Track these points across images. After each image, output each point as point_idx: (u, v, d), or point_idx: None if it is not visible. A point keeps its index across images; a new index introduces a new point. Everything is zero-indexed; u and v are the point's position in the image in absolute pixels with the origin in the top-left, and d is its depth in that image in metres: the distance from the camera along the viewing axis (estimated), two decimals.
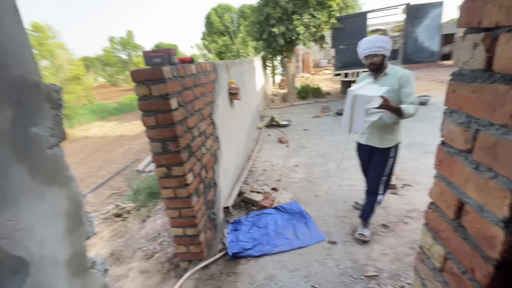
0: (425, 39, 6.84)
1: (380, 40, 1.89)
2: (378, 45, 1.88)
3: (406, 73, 1.93)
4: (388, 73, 1.97)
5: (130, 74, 1.58)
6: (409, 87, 1.90)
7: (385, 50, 1.90)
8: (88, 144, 8.13)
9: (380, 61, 1.95)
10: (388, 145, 2.08)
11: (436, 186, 0.69)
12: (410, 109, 1.83)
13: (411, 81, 1.90)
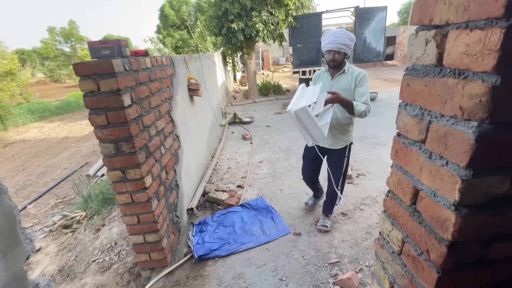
0: (372, 40, 7.43)
1: (346, 37, 1.81)
2: (343, 43, 1.80)
3: (363, 72, 1.92)
4: (346, 71, 1.95)
5: (73, 68, 1.40)
6: (364, 86, 1.90)
7: (349, 49, 1.85)
8: (26, 148, 7.12)
9: (341, 59, 1.89)
10: (342, 146, 2.08)
11: (393, 175, 0.74)
12: (361, 106, 1.82)
13: (366, 81, 1.91)
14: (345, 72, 1.95)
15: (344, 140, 2.08)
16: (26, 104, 11.81)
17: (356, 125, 2.29)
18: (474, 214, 0.52)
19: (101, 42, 1.53)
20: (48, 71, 26.15)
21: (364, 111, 1.83)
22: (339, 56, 1.87)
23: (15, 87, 11.50)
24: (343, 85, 1.95)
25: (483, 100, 0.44)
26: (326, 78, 2.05)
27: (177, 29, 16.19)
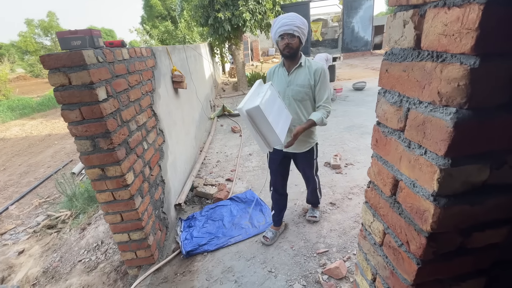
0: (360, 29, 7.39)
1: (298, 19, 1.59)
2: (296, 24, 1.56)
3: (322, 67, 1.70)
4: (303, 64, 1.71)
5: (40, 60, 1.31)
6: (325, 84, 1.72)
7: (302, 34, 1.62)
8: (7, 147, 6.84)
9: (296, 45, 1.63)
10: (307, 148, 1.92)
11: (374, 165, 0.71)
12: (319, 116, 1.68)
13: (326, 77, 1.72)
14: (302, 65, 1.71)
15: (308, 142, 1.90)
16: (5, 101, 11.31)
17: (345, 114, 2.27)
18: (452, 204, 0.50)
19: (70, 32, 1.43)
20: (28, 66, 25.01)
21: (321, 119, 1.69)
22: (293, 40, 1.61)
23: None
24: (302, 81, 1.72)
25: (461, 84, 0.42)
26: (282, 74, 1.79)
27: (162, 19, 15.69)
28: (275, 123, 1.44)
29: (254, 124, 1.41)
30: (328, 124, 5.26)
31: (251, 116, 1.38)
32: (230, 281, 1.84)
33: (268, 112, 1.40)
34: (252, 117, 1.38)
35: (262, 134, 1.44)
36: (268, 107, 1.42)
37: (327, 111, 1.74)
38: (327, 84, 1.73)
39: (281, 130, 1.50)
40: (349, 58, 16.47)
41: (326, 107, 1.75)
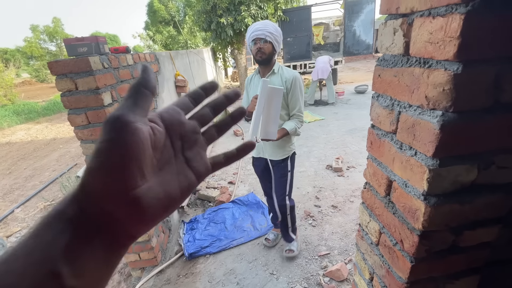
0: (362, 33, 7.43)
1: (272, 26, 1.58)
2: (268, 30, 1.55)
3: (294, 76, 1.64)
4: (276, 71, 1.67)
5: (48, 66, 1.35)
6: (297, 93, 1.65)
7: (275, 41, 1.58)
8: (12, 151, 6.95)
9: (269, 51, 1.59)
10: (282, 156, 1.78)
11: (369, 167, 0.74)
12: (291, 125, 1.64)
13: (298, 86, 1.64)
14: (275, 72, 1.67)
15: (284, 149, 1.78)
16: (11, 106, 11.49)
17: (347, 117, 2.28)
18: (443, 203, 0.52)
19: (77, 39, 1.48)
20: (33, 71, 25.43)
21: (294, 129, 1.66)
22: (265, 45, 1.57)
23: None
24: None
25: (446, 88, 0.44)
26: (256, 81, 1.75)
27: (166, 25, 15.90)
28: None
29: (266, 105, 1.40)
30: (330, 127, 5.26)
31: (272, 94, 1.38)
32: (232, 283, 1.86)
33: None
34: (271, 96, 1.39)
35: (265, 119, 1.43)
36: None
37: (300, 121, 1.70)
38: (299, 94, 1.66)
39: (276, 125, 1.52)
40: (351, 61, 16.52)
41: (299, 116, 1.70)
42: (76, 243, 0.17)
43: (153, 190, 0.20)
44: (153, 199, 0.20)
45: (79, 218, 0.18)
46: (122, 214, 0.19)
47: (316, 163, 3.51)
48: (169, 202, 0.21)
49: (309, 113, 5.91)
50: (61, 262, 0.16)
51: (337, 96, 7.04)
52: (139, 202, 0.19)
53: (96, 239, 0.18)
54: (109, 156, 0.18)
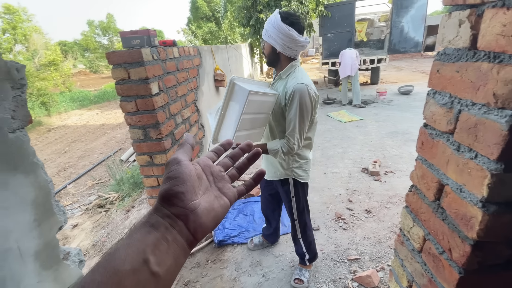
0: (410, 29, 6.91)
1: (268, 20, 1.28)
2: (265, 27, 1.28)
3: (294, 88, 1.25)
4: (283, 77, 1.36)
5: (106, 56, 1.49)
6: (292, 111, 1.27)
7: (270, 37, 1.27)
8: (68, 134, 7.78)
9: (268, 52, 1.35)
10: (276, 177, 1.53)
11: (417, 169, 0.69)
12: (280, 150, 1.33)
13: (295, 102, 1.25)
14: (281, 77, 1.37)
15: (278, 169, 1.49)
16: (68, 93, 12.83)
17: (387, 119, 2.15)
18: (503, 212, 0.47)
19: (131, 32, 1.61)
20: (88, 62, 28.04)
21: (276, 151, 1.33)
22: (264, 45, 1.35)
23: (58, 76, 12.49)
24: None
25: None
26: (278, 85, 1.42)
27: (206, 20, 16.40)
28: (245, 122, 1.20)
29: (225, 102, 1.18)
30: (368, 128, 5.03)
31: (233, 91, 1.16)
32: (258, 275, 1.89)
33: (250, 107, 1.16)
34: (232, 94, 1.16)
35: (221, 119, 1.21)
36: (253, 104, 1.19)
37: (289, 146, 1.31)
38: (294, 112, 1.27)
39: (240, 135, 1.22)
40: (396, 60, 15.48)
41: (289, 141, 1.31)
42: (158, 241, 0.25)
43: (203, 204, 0.30)
44: (204, 210, 0.29)
45: (158, 224, 0.26)
46: (185, 218, 0.28)
47: (350, 165, 3.39)
48: (215, 214, 0.31)
49: (346, 113, 5.69)
50: (149, 253, 0.24)
51: (378, 96, 6.66)
52: (195, 210, 0.28)
53: (170, 240, 0.26)
54: (174, 178, 0.29)
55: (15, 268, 0.67)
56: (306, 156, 1.49)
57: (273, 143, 1.37)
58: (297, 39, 1.24)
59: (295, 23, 1.23)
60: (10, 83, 0.70)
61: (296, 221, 1.65)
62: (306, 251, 1.74)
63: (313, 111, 1.32)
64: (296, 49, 1.28)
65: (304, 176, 1.52)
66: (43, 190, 0.75)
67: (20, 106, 0.72)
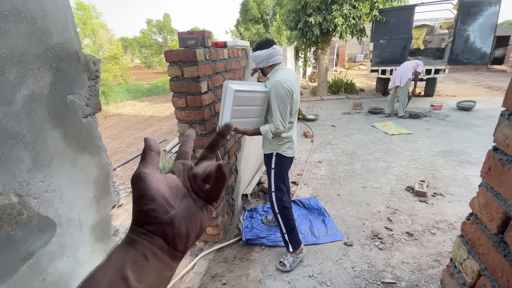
0: (477, 39, 6.20)
1: (258, 57, 1.71)
2: (255, 61, 1.74)
3: (272, 83, 1.67)
4: (269, 78, 1.76)
5: (164, 54, 1.61)
6: (272, 101, 1.68)
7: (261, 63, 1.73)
8: (121, 121, 8.59)
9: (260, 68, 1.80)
10: (268, 152, 1.90)
11: (480, 196, 0.62)
12: (269, 130, 1.72)
13: (273, 94, 1.66)
14: (268, 78, 1.77)
15: (266, 145, 1.90)
16: (124, 85, 14.12)
17: (441, 136, 1.97)
18: None
19: (188, 32, 1.71)
20: (143, 58, 30.57)
21: (266, 131, 1.74)
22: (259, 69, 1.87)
23: (118, 69, 13.81)
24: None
25: None
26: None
27: (255, 23, 16.73)
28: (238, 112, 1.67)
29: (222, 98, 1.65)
30: (418, 144, 4.68)
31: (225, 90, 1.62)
32: (284, 281, 1.87)
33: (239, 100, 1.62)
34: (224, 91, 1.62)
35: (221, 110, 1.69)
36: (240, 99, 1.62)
37: (275, 127, 1.72)
38: (274, 101, 1.68)
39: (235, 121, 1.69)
40: (457, 71, 14.02)
41: (274, 123, 1.72)
42: (136, 258, 0.25)
43: (181, 213, 0.28)
44: (182, 219, 0.28)
45: (135, 242, 0.26)
46: (163, 233, 0.27)
47: (394, 181, 3.16)
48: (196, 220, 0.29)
49: (393, 125, 5.33)
50: (127, 270, 0.24)
51: (432, 110, 6.10)
52: (173, 222, 0.27)
53: (149, 256, 0.26)
54: (141, 197, 0.27)
55: (74, 237, 0.76)
56: (288, 136, 1.83)
57: (264, 126, 1.78)
58: (266, 53, 1.68)
59: (259, 46, 1.71)
60: (87, 74, 0.80)
61: (272, 193, 1.92)
62: (286, 232, 1.94)
63: (289, 100, 1.66)
64: (270, 58, 1.70)
65: (288, 152, 1.87)
66: (104, 171, 0.84)
67: (94, 95, 0.81)
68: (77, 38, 0.74)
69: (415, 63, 5.52)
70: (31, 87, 0.62)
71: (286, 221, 1.93)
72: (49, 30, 0.65)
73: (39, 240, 0.65)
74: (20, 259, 0.61)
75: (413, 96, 6.52)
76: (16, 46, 0.58)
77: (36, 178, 0.63)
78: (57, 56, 0.68)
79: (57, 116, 0.68)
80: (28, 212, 0.62)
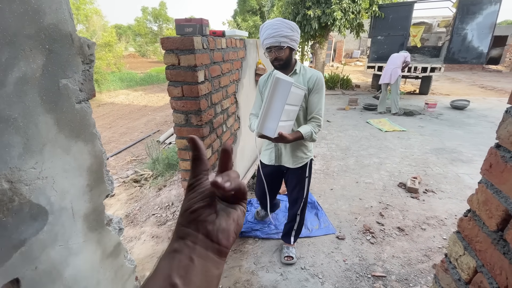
0: (474, 38, 6.24)
1: (284, 26, 1.38)
2: (283, 34, 1.37)
3: (317, 75, 1.52)
4: (298, 72, 1.55)
5: (160, 41, 1.56)
6: (320, 93, 1.53)
7: (293, 41, 1.43)
8: (114, 110, 8.43)
9: (286, 56, 1.46)
10: (299, 164, 1.71)
11: (480, 193, 0.62)
12: (313, 132, 1.51)
13: (322, 86, 1.52)
14: (296, 73, 1.55)
15: (301, 156, 1.70)
16: (118, 73, 13.83)
17: (434, 134, 1.99)
18: None
19: (186, 20, 1.66)
20: (137, 46, 29.90)
21: (310, 133, 1.49)
22: (282, 52, 1.44)
23: (111, 57, 13.48)
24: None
25: None
26: None
27: (252, 14, 16.49)
28: (285, 113, 1.31)
29: (269, 97, 1.26)
30: (411, 141, 4.73)
31: (277, 86, 1.24)
32: (276, 273, 1.89)
33: (289, 99, 1.28)
34: (276, 88, 1.24)
35: (265, 112, 1.29)
36: (292, 96, 1.29)
37: (318, 125, 1.54)
38: (321, 94, 1.53)
39: (280, 125, 1.33)
40: (452, 70, 14.16)
41: (317, 119, 1.54)
42: (182, 263, 0.26)
43: (220, 213, 0.31)
44: (222, 218, 0.30)
45: (180, 246, 0.28)
46: (206, 231, 0.29)
47: (386, 177, 3.20)
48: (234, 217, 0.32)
49: (387, 121, 5.37)
50: (175, 277, 0.25)
51: (426, 108, 6.17)
52: (214, 221, 0.30)
53: (195, 258, 0.27)
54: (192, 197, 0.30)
55: (67, 225, 0.74)
56: None
57: (305, 128, 1.50)
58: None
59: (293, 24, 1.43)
60: (81, 58, 0.76)
61: (304, 199, 1.82)
62: (295, 228, 1.94)
63: None
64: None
65: (312, 153, 1.76)
66: (97, 159, 0.81)
67: (88, 80, 0.78)
68: (71, 19, 0.71)
69: (402, 56, 5.50)
70: (23, 69, 0.59)
71: (302, 220, 1.94)
72: (42, 10, 0.62)
73: (30, 228, 0.63)
74: (12, 246, 0.59)
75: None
76: (9, 25, 0.55)
77: (27, 165, 0.60)
78: (50, 37, 0.64)
79: (50, 100, 0.65)
80: (19, 199, 0.59)
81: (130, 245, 2.28)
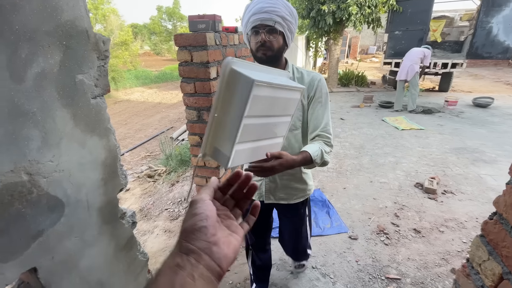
0: (500, 32, 5.90)
1: (283, 5, 0.96)
2: (279, 13, 0.94)
3: (318, 78, 1.09)
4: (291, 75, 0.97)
5: (174, 38, 1.57)
6: (325, 103, 1.09)
7: (289, 30, 1.00)
8: (129, 107, 8.64)
9: (278, 46, 1.00)
10: (302, 199, 1.28)
11: (508, 195, 0.58)
12: (324, 152, 1.01)
13: (326, 94, 1.10)
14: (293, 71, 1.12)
15: (302, 189, 1.26)
16: (134, 71, 14.14)
17: (454, 133, 1.89)
18: None
19: (199, 16, 1.66)
20: (152, 45, 30.45)
21: (320, 153, 0.98)
22: (274, 37, 0.97)
23: (127, 55, 13.79)
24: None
25: None
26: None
27: None
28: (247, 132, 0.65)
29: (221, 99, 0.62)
30: (429, 140, 4.58)
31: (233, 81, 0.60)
32: (287, 271, 1.88)
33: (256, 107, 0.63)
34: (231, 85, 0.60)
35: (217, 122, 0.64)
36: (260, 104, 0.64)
37: (327, 144, 1.06)
38: (327, 104, 1.09)
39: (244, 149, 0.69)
40: (475, 66, 13.50)
41: (327, 138, 1.06)
42: (183, 280, 0.26)
43: (222, 238, 0.32)
44: (224, 243, 0.32)
45: (184, 263, 0.28)
46: (210, 252, 0.29)
47: (402, 177, 3.10)
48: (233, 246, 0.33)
49: (404, 119, 5.20)
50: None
51: (446, 106, 5.92)
52: (218, 243, 0.31)
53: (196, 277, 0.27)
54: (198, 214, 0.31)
55: (82, 218, 0.76)
56: None
57: (313, 147, 0.99)
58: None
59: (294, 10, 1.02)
60: (97, 54, 0.77)
61: (309, 238, 1.59)
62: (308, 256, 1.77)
63: None
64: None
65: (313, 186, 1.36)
66: (112, 153, 0.83)
67: (103, 75, 0.79)
68: (87, 16, 0.72)
69: (421, 53, 5.24)
70: (42, 65, 0.60)
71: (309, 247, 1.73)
72: (60, 7, 0.63)
73: (48, 219, 0.64)
74: (31, 236, 0.61)
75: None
76: (29, 22, 0.56)
77: (45, 158, 0.62)
78: (67, 33, 0.65)
79: (66, 95, 0.67)
80: (37, 191, 0.61)
81: (143, 238, 2.34)
